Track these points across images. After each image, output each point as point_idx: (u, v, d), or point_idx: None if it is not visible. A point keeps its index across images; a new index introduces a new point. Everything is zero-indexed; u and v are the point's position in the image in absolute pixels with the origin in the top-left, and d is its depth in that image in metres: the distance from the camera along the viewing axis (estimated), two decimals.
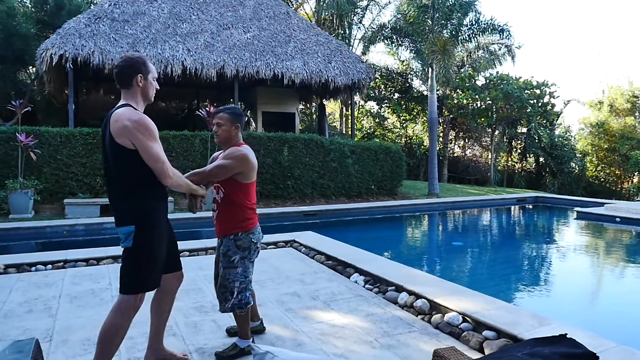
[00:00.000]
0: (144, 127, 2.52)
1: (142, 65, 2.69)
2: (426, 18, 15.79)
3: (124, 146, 2.52)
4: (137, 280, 2.69)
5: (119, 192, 2.65)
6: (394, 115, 26.32)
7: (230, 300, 3.06)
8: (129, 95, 2.67)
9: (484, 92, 21.36)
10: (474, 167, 25.97)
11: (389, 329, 3.65)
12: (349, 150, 13.66)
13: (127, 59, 2.69)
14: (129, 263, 2.68)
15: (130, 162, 2.56)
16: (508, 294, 5.54)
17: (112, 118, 2.53)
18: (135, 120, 2.51)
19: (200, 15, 13.75)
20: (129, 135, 2.50)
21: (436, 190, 15.44)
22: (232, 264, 3.08)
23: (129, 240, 2.61)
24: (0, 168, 9.92)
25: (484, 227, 11.21)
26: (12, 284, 4.82)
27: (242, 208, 3.10)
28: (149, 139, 2.53)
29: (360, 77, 14.57)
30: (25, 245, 8.00)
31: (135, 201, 2.62)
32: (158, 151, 2.57)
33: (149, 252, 2.68)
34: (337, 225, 10.67)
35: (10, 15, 12.19)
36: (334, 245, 6.29)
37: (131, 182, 2.61)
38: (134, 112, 2.58)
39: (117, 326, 2.65)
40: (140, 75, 2.67)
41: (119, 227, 2.65)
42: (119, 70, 2.68)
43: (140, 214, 2.63)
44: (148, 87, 2.73)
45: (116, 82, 2.71)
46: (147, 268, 2.70)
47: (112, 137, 2.52)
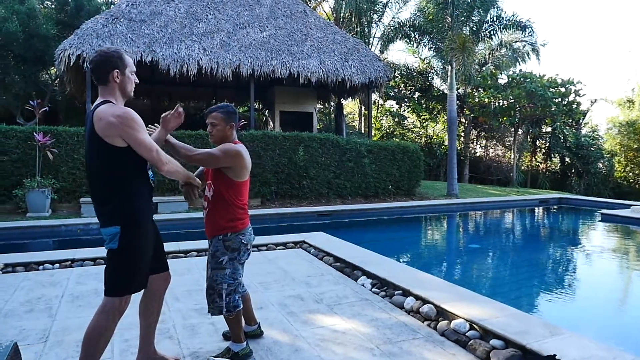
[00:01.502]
0: (131, 120, 2.45)
1: (117, 59, 2.58)
2: (445, 15, 15.46)
3: (112, 144, 2.45)
4: (122, 282, 2.61)
5: (104, 193, 2.56)
6: (414, 115, 25.97)
7: (218, 303, 2.97)
8: (107, 92, 2.58)
9: (506, 90, 20.84)
10: (496, 167, 25.43)
11: (392, 336, 3.48)
12: (366, 150, 13.47)
13: (102, 54, 2.57)
14: (114, 264, 2.60)
15: (117, 160, 2.50)
16: (523, 301, 5.29)
17: (95, 117, 2.44)
18: (120, 114, 2.44)
19: (216, 15, 13.76)
20: (118, 131, 2.43)
21: (455, 191, 15.11)
22: (220, 265, 2.99)
23: (114, 241, 2.53)
24: (18, 167, 10.10)
25: (502, 229, 10.86)
26: (17, 283, 4.82)
27: (232, 207, 3.00)
28: (138, 131, 2.46)
29: (378, 75, 14.35)
30: (39, 244, 8.09)
31: (120, 201, 2.54)
32: (150, 141, 2.51)
33: (135, 254, 2.60)
34: (352, 226, 10.51)
35: (31, 16, 12.42)
36: (344, 246, 6.14)
37: (117, 181, 2.53)
38: (116, 107, 2.50)
39: (102, 328, 2.57)
40: (117, 70, 2.57)
41: (103, 228, 2.57)
42: (94, 66, 2.58)
43: (126, 215, 2.55)
44: (126, 82, 2.63)
45: (93, 78, 2.62)
46: (132, 269, 2.62)
47: (98, 136, 2.44)
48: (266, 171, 12.19)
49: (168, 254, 5.91)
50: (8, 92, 13.10)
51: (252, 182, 12.06)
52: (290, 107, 16.72)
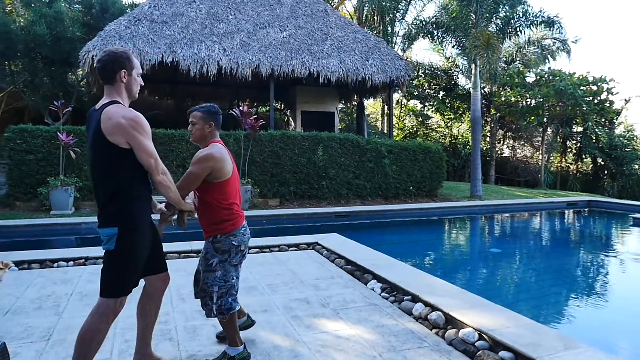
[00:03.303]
0: (140, 125, 2.47)
1: (126, 60, 2.60)
2: (469, 12, 15.10)
3: (116, 144, 2.45)
4: (117, 284, 2.59)
5: (105, 193, 2.55)
6: (438, 114, 25.54)
7: (209, 306, 2.93)
8: (114, 91, 2.59)
9: (534, 89, 20.24)
10: (524, 168, 24.77)
11: (397, 343, 3.34)
12: (386, 150, 13.28)
13: (111, 54, 2.59)
14: (111, 266, 2.58)
15: (119, 160, 2.49)
16: (543, 311, 5.04)
17: (104, 116, 2.44)
18: (131, 117, 2.46)
19: (237, 15, 13.81)
20: (124, 132, 2.43)
21: (479, 192, 14.75)
22: (211, 267, 2.95)
23: (111, 242, 2.52)
24: (43, 166, 10.35)
25: (526, 233, 10.49)
26: (31, 280, 4.89)
27: (217, 209, 2.95)
28: (144, 136, 2.48)
29: (399, 74, 14.14)
30: (60, 241, 8.25)
31: (121, 202, 2.53)
32: (152, 148, 2.53)
33: (131, 255, 2.58)
34: (370, 227, 10.35)
35: (58, 19, 12.73)
36: (357, 249, 6.01)
37: (119, 181, 2.52)
38: (128, 109, 2.52)
39: (95, 330, 2.56)
40: (124, 70, 2.59)
41: (101, 229, 2.56)
42: (101, 65, 2.59)
43: (125, 215, 2.53)
44: (132, 82, 2.65)
45: (99, 77, 2.63)
46: (127, 271, 2.60)
47: (102, 135, 2.44)
48: (285, 171, 12.15)
49: (180, 253, 5.94)
50: (37, 93, 13.48)
51: (271, 182, 12.06)
52: (312, 107, 16.66)
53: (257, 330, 3.57)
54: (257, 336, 3.46)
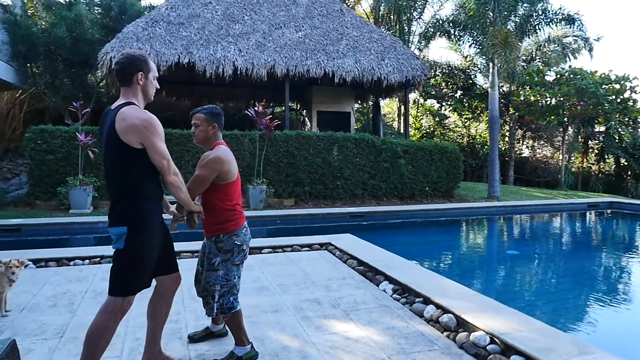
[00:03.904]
0: (153, 127, 2.51)
1: (143, 63, 2.65)
2: (487, 10, 14.88)
3: (129, 144, 2.48)
4: (126, 283, 2.62)
5: (116, 192, 2.58)
6: (455, 114, 25.25)
7: (211, 304, 2.95)
8: (130, 93, 2.63)
9: (554, 88, 19.85)
10: (544, 168, 24.30)
11: (407, 346, 3.30)
12: (402, 150, 13.18)
13: (129, 56, 2.64)
14: (120, 265, 2.62)
15: (132, 161, 2.52)
16: (559, 315, 4.92)
17: (119, 116, 2.48)
18: (146, 119, 2.50)
19: (252, 16, 13.87)
20: (138, 133, 2.47)
21: (496, 193, 14.53)
22: (213, 266, 2.97)
23: (120, 241, 2.55)
24: (63, 166, 10.55)
25: (545, 235, 10.28)
26: (48, 277, 4.98)
27: (220, 210, 2.98)
28: (157, 137, 2.52)
29: (415, 73, 14.01)
30: (79, 239, 8.40)
31: (130, 202, 2.56)
32: (165, 149, 2.57)
33: (140, 255, 2.60)
34: (385, 228, 10.28)
35: (78, 22, 12.97)
36: (369, 249, 5.97)
37: (131, 181, 2.56)
38: (143, 111, 2.56)
39: (103, 328, 2.58)
40: (142, 73, 2.63)
41: (111, 228, 2.59)
42: (119, 67, 2.63)
43: (135, 215, 2.56)
44: (148, 85, 2.69)
45: (116, 79, 2.69)
46: (136, 271, 2.62)
47: (116, 135, 2.47)
48: (300, 171, 12.16)
49: (193, 253, 5.97)
50: (57, 94, 13.74)
51: (286, 182, 12.08)
52: (328, 107, 16.64)
53: (267, 330, 3.57)
54: (267, 336, 3.46)
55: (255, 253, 6.18)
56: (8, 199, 10.97)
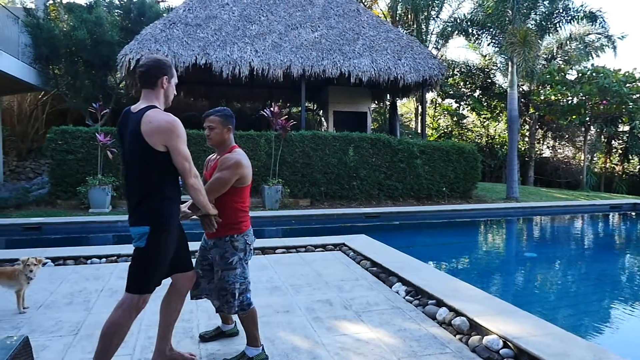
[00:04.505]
0: (178, 129, 2.57)
1: (168, 67, 2.74)
2: (506, 8, 14.65)
3: (153, 147, 2.53)
4: (144, 281, 2.67)
5: (139, 193, 2.63)
6: (474, 114, 24.93)
7: (232, 303, 2.97)
8: (152, 96, 2.69)
9: (575, 86, 19.44)
10: (565, 169, 23.84)
11: (419, 349, 3.26)
12: (418, 151, 13.07)
13: (155, 60, 2.72)
14: (139, 263, 2.67)
15: (156, 163, 2.58)
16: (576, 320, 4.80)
17: (145, 119, 2.54)
18: (170, 121, 2.56)
19: (269, 17, 13.93)
20: (163, 135, 2.53)
21: (515, 194, 14.29)
22: (231, 265, 2.99)
23: (142, 240, 2.61)
24: (83, 165, 10.75)
25: (565, 238, 10.06)
26: (66, 275, 5.07)
27: (235, 211, 3.01)
28: (181, 140, 2.58)
29: (432, 73, 13.89)
30: (97, 238, 8.55)
31: (153, 203, 2.62)
32: (187, 152, 2.63)
33: (160, 254, 2.67)
34: (401, 228, 10.19)
35: (98, 24, 13.22)
36: (383, 250, 5.92)
37: (154, 183, 2.62)
38: (167, 114, 2.63)
39: (118, 325, 2.63)
40: (166, 77, 2.71)
41: (133, 227, 2.64)
42: (145, 70, 2.68)
43: (158, 216, 2.63)
44: (170, 90, 2.77)
45: (139, 81, 2.72)
46: (154, 269, 2.69)
47: (142, 137, 2.53)
48: (315, 171, 12.16)
49: None
50: (78, 96, 14.01)
51: (302, 182, 12.10)
52: (344, 107, 16.61)
53: (278, 330, 3.57)
54: (277, 337, 3.46)
55: (269, 253, 6.20)
56: (30, 198, 11.23)
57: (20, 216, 9.46)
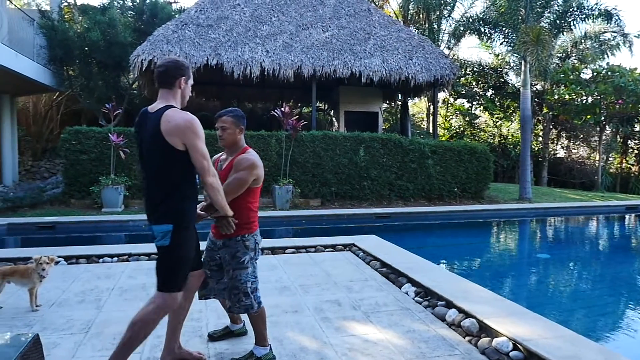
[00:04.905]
0: (196, 128, 2.61)
1: (186, 68, 2.79)
2: (519, 6, 14.49)
3: (173, 145, 2.57)
4: (171, 279, 2.71)
5: (160, 191, 2.66)
6: (486, 113, 24.70)
7: (244, 302, 2.98)
8: (170, 96, 2.72)
9: (590, 86, 19.16)
10: (580, 169, 23.50)
11: (427, 350, 3.24)
12: (430, 151, 12.99)
13: (174, 61, 2.78)
14: (166, 261, 2.71)
15: (175, 161, 2.61)
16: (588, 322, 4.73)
17: (164, 118, 2.57)
18: (189, 120, 2.59)
19: (280, 17, 13.96)
20: (181, 134, 2.56)
21: (528, 195, 14.13)
22: (243, 264, 3.00)
23: (166, 238, 2.64)
24: (96, 165, 10.88)
25: (578, 239, 9.92)
26: (78, 274, 5.14)
27: (247, 211, 3.03)
28: (198, 138, 2.60)
29: (444, 73, 13.79)
30: (110, 237, 8.65)
31: (174, 201, 2.65)
32: (205, 150, 2.65)
33: (185, 251, 2.71)
34: (412, 229, 10.15)
35: (111, 25, 13.38)
36: (393, 251, 5.90)
37: (175, 182, 2.65)
38: (186, 112, 2.66)
39: (147, 321, 2.66)
40: (184, 77, 2.75)
41: (156, 225, 2.66)
42: (164, 70, 2.72)
43: (180, 214, 2.66)
44: (187, 90, 2.82)
45: (157, 81, 2.76)
46: (180, 266, 2.72)
47: (162, 137, 2.56)
48: (326, 171, 12.15)
49: None
50: (92, 96, 14.19)
51: (312, 182, 12.11)
52: (355, 107, 16.56)
53: (286, 330, 3.57)
54: (285, 337, 3.46)
55: (279, 253, 6.21)
56: (45, 197, 11.39)
57: (35, 215, 9.61)
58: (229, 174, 2.97)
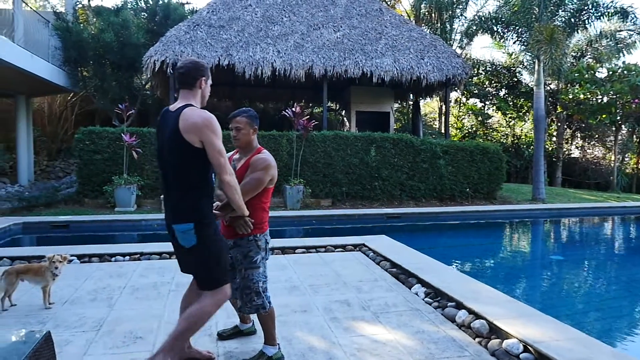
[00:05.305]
0: (213, 125, 2.63)
1: (206, 69, 2.85)
2: (532, 5, 14.32)
3: (191, 143, 2.59)
4: (214, 274, 2.74)
5: (180, 189, 2.69)
6: (499, 113, 24.46)
7: (256, 301, 2.99)
8: (190, 96, 2.76)
9: (606, 85, 18.86)
10: (595, 170, 23.15)
11: (436, 351, 3.22)
12: (441, 151, 12.91)
13: (195, 62, 2.83)
14: (200, 260, 2.73)
15: (194, 159, 2.64)
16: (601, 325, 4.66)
17: (182, 116, 2.61)
18: (206, 117, 2.62)
19: (291, 17, 13.98)
20: (198, 131, 2.58)
21: (541, 195, 13.96)
22: (255, 264, 3.02)
23: (191, 237, 2.65)
24: (109, 165, 11.00)
25: (593, 240, 9.78)
26: (91, 272, 5.20)
27: (260, 211, 3.04)
28: (215, 135, 2.62)
29: (456, 72, 13.69)
30: (123, 236, 8.74)
31: (195, 199, 2.68)
32: (222, 148, 2.66)
33: (214, 243, 2.73)
34: (424, 229, 10.09)
35: (124, 26, 13.53)
36: (403, 251, 5.87)
37: (193, 179, 2.68)
38: (203, 111, 2.70)
39: (204, 313, 2.72)
40: (204, 78, 2.80)
41: (176, 225, 2.67)
42: (186, 70, 2.76)
43: (200, 211, 2.68)
44: (206, 91, 2.86)
45: (178, 81, 2.79)
46: (217, 260, 2.74)
47: (180, 135, 2.59)
48: (337, 171, 12.14)
49: None
50: (105, 97, 14.37)
51: (323, 182, 12.11)
52: (367, 107, 16.53)
53: (295, 330, 3.57)
54: (294, 336, 3.46)
55: (289, 253, 6.22)
56: (59, 196, 11.56)
57: (50, 214, 9.75)
58: (244, 174, 2.97)
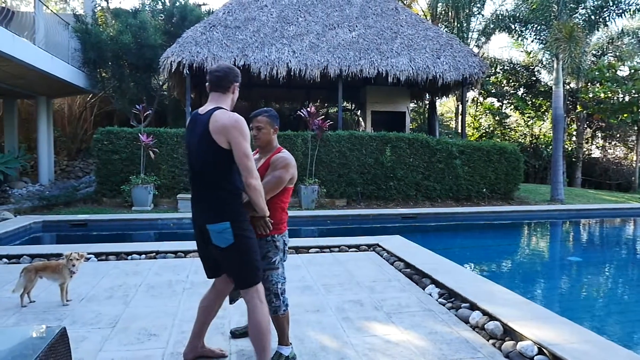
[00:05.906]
0: (241, 127, 2.64)
1: (239, 76, 2.91)
2: (551, 2, 14.08)
3: (219, 144, 2.63)
4: (249, 273, 2.77)
5: (212, 190, 2.72)
6: (517, 112, 24.13)
7: (275, 303, 3.00)
8: (222, 99, 2.80)
9: (627, 83, 18.46)
10: (616, 170, 22.70)
11: (449, 352, 3.19)
12: (458, 151, 12.78)
13: (231, 67, 2.89)
14: (236, 258, 2.74)
15: (225, 160, 2.67)
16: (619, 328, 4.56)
17: (213, 118, 2.65)
18: (235, 119, 2.65)
19: (306, 17, 14.00)
20: (227, 133, 2.62)
21: (560, 196, 13.73)
22: (274, 265, 3.01)
23: (227, 237, 2.67)
24: (127, 165, 11.17)
25: (612, 242, 9.57)
26: (107, 270, 5.29)
27: (280, 211, 3.04)
28: (243, 137, 2.64)
29: (473, 71, 13.54)
30: (140, 235, 8.86)
31: (228, 198, 2.72)
32: (249, 150, 2.69)
33: (249, 240, 2.75)
34: (439, 230, 10.02)
35: (142, 28, 13.71)
36: (417, 252, 5.83)
37: (225, 180, 2.71)
38: (232, 113, 2.74)
39: (267, 319, 2.78)
40: (237, 83, 2.86)
41: (212, 225, 2.69)
42: (223, 75, 2.81)
43: (234, 211, 2.71)
44: (236, 95, 2.91)
45: (213, 84, 2.83)
46: (253, 257, 2.77)
47: (210, 136, 2.63)
48: (352, 171, 12.12)
49: None
50: (124, 98, 14.59)
51: (338, 182, 12.11)
52: (382, 106, 16.45)
53: (307, 330, 3.58)
54: (306, 336, 3.47)
55: (303, 252, 6.23)
56: (78, 195, 11.78)
57: (69, 213, 9.94)
58: (264, 174, 2.98)
